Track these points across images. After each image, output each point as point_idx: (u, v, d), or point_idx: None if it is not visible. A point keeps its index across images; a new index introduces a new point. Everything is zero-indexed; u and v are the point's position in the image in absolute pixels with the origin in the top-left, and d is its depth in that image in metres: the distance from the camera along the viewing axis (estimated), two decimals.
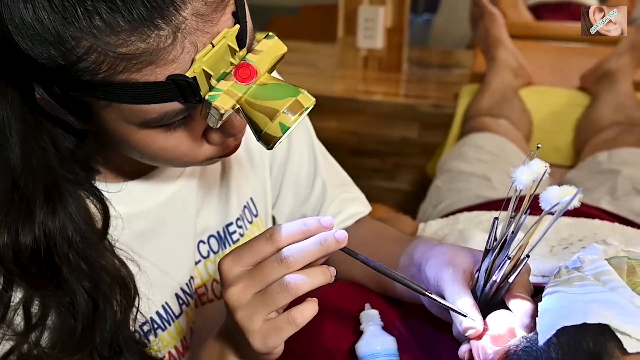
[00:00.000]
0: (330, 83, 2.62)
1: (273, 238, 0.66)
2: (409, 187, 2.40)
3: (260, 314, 0.65)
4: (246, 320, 0.65)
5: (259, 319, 0.65)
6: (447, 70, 2.91)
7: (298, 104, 0.62)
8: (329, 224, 0.66)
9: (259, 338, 0.66)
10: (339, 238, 0.66)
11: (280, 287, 0.64)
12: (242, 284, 0.65)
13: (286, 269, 0.64)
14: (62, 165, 0.73)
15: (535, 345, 0.61)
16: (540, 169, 0.63)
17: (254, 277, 0.65)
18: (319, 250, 0.65)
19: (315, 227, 0.66)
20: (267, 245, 0.66)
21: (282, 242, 0.66)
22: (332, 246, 0.65)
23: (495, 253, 0.68)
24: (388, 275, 0.70)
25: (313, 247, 0.65)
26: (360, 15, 2.59)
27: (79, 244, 0.73)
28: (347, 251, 0.69)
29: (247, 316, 0.65)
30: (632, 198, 1.46)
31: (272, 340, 0.66)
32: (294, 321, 0.65)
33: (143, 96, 0.60)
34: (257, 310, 0.65)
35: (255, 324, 0.65)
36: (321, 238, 0.65)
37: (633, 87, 2.00)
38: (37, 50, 0.57)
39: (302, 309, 0.66)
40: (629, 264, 0.67)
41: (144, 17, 0.55)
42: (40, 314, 0.73)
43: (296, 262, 0.65)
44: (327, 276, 0.66)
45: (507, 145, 1.81)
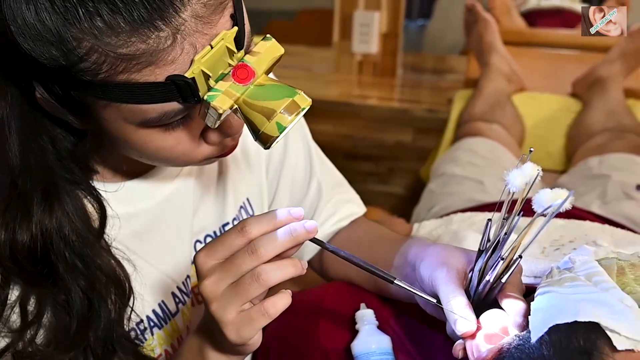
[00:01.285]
0: (325, 87, 2.63)
1: (244, 230, 0.66)
2: (403, 191, 2.41)
3: (234, 305, 0.66)
4: (220, 312, 0.66)
5: (232, 310, 0.66)
6: (441, 76, 2.93)
7: (295, 104, 0.63)
8: (299, 214, 0.67)
9: (233, 329, 0.66)
10: (308, 228, 0.66)
11: (252, 278, 0.65)
12: (215, 276, 0.66)
13: (257, 260, 0.65)
14: (60, 165, 0.73)
15: (528, 343, 0.62)
16: (533, 172, 0.64)
17: (226, 269, 0.66)
18: (289, 240, 0.66)
19: (286, 218, 0.67)
20: (238, 237, 0.66)
21: (253, 234, 0.66)
22: (302, 236, 0.66)
23: (488, 254, 0.69)
24: (358, 264, 0.71)
25: (283, 238, 0.66)
26: (356, 20, 2.60)
27: (76, 243, 0.74)
28: (316, 242, 0.69)
29: (221, 307, 0.66)
30: (621, 203, 1.47)
31: (246, 331, 0.66)
32: (267, 312, 0.66)
33: (143, 96, 0.60)
34: (231, 302, 0.66)
35: (229, 315, 0.66)
36: (291, 228, 0.66)
37: (623, 94, 2.02)
38: (39, 51, 0.58)
39: (275, 300, 0.66)
40: (619, 265, 0.68)
41: (144, 19, 0.56)
42: (36, 311, 0.73)
43: (266, 252, 0.65)
44: (297, 268, 0.67)
45: (500, 150, 1.82)
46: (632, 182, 1.54)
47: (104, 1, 0.55)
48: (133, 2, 0.56)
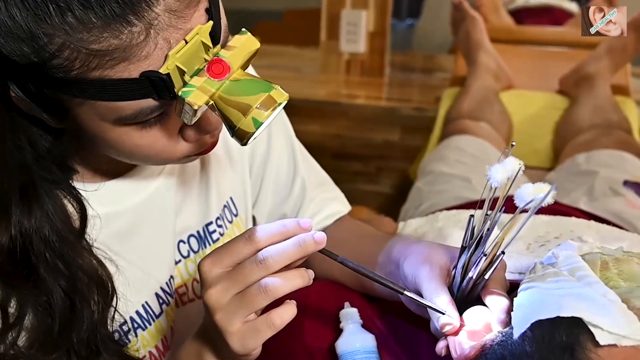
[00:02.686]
0: (313, 87, 2.63)
1: (252, 239, 0.66)
2: (391, 190, 2.41)
3: (239, 315, 0.65)
4: (225, 322, 0.66)
5: (237, 321, 0.65)
6: (429, 75, 2.94)
7: (271, 99, 0.62)
8: (308, 225, 0.67)
9: (237, 339, 0.66)
10: (317, 239, 0.66)
11: (259, 289, 0.64)
12: (221, 286, 0.66)
13: (265, 271, 0.65)
14: (38, 164, 0.72)
15: (510, 339, 0.62)
16: (515, 166, 0.64)
17: (233, 278, 0.65)
18: (297, 251, 0.65)
19: (294, 228, 0.67)
20: (246, 246, 0.66)
21: (261, 244, 0.66)
22: (311, 247, 0.66)
23: (471, 250, 0.69)
24: (367, 275, 0.71)
25: (292, 249, 0.65)
26: (343, 19, 2.60)
27: (56, 244, 0.73)
28: (326, 253, 0.69)
29: (226, 317, 0.66)
30: (609, 199, 1.47)
31: (251, 342, 0.66)
32: (273, 324, 0.65)
33: (117, 93, 0.60)
34: (236, 312, 0.65)
35: (234, 326, 0.65)
36: (300, 239, 0.66)
37: (611, 91, 2.03)
38: (10, 48, 0.57)
39: (281, 311, 0.66)
40: (603, 260, 0.68)
41: (117, 14, 0.56)
42: (17, 313, 0.73)
43: (275, 263, 0.65)
44: (305, 279, 0.67)
45: (487, 148, 1.82)
46: (619, 178, 1.55)
47: None
48: None
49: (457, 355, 0.67)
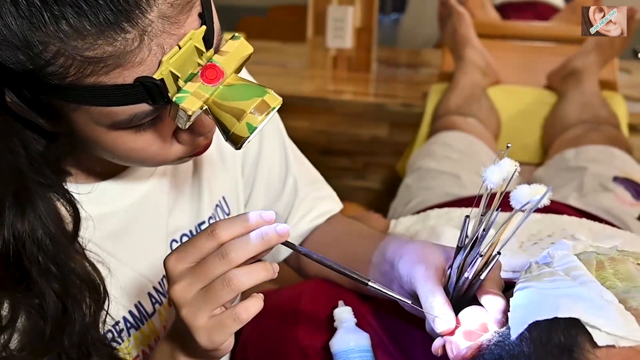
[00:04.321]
0: (299, 83, 2.63)
1: (214, 234, 0.65)
2: (379, 185, 2.42)
3: (205, 310, 0.65)
4: (191, 317, 0.66)
5: (203, 315, 0.65)
6: (416, 70, 2.94)
7: (265, 104, 0.62)
8: (271, 217, 0.67)
9: (204, 334, 0.66)
10: (280, 232, 0.66)
11: (223, 283, 0.64)
12: (186, 281, 0.66)
13: (228, 265, 0.64)
14: (32, 168, 0.72)
15: (508, 340, 0.62)
16: (511, 168, 0.64)
17: (197, 273, 0.65)
18: (260, 244, 0.65)
19: (257, 221, 0.66)
20: (209, 241, 0.66)
21: (224, 238, 0.65)
22: (274, 240, 0.65)
23: (467, 250, 0.69)
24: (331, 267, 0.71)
25: (254, 242, 0.65)
26: (330, 15, 2.60)
27: (49, 247, 0.72)
28: (289, 245, 0.69)
29: (192, 313, 0.65)
30: (598, 195, 1.48)
31: (217, 337, 0.66)
32: (238, 317, 0.65)
33: (111, 98, 0.60)
34: (201, 307, 0.65)
35: (200, 320, 0.65)
36: (262, 232, 0.65)
37: (599, 86, 2.03)
38: (5, 55, 0.57)
39: (247, 305, 0.66)
40: (598, 259, 0.68)
41: (110, 21, 0.56)
42: (9, 316, 0.72)
43: (238, 257, 0.64)
44: (269, 272, 0.66)
45: (475, 144, 1.83)
46: (608, 174, 1.56)
47: (69, 4, 0.55)
48: (98, 4, 0.55)
49: (453, 356, 0.67)
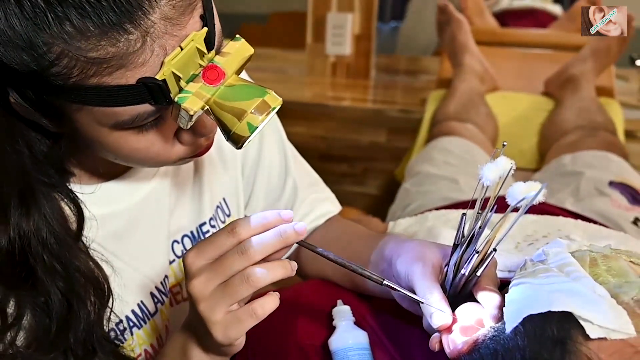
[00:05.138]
0: (299, 89, 2.64)
1: (234, 231, 0.67)
2: (378, 191, 2.42)
3: (222, 305, 0.66)
4: (208, 311, 0.67)
5: (220, 311, 0.66)
6: (414, 77, 2.95)
7: (265, 104, 0.64)
8: (289, 216, 0.68)
9: (220, 329, 0.67)
10: (298, 230, 0.67)
11: (242, 279, 0.65)
12: (204, 276, 0.67)
13: (247, 261, 0.66)
14: (36, 168, 0.73)
15: (503, 334, 0.63)
16: (506, 165, 0.65)
17: (216, 269, 0.67)
18: (278, 241, 0.67)
19: (276, 219, 0.68)
20: (228, 238, 0.67)
21: (243, 235, 0.67)
22: (292, 238, 0.67)
23: (463, 248, 0.70)
24: (347, 267, 0.72)
25: (273, 239, 0.66)
26: (329, 22, 2.62)
27: (53, 246, 0.73)
28: (305, 245, 0.70)
29: (209, 307, 0.67)
30: (594, 199, 1.49)
31: (233, 332, 0.67)
32: (255, 313, 0.66)
33: (114, 99, 0.61)
34: (219, 302, 0.66)
35: (217, 315, 0.66)
36: (281, 230, 0.67)
37: (595, 92, 2.05)
38: (10, 56, 0.58)
39: (263, 302, 0.67)
40: (591, 257, 0.69)
41: (113, 22, 0.57)
42: (15, 314, 0.73)
43: (256, 253, 0.66)
44: (287, 270, 0.68)
45: (474, 149, 1.83)
46: (604, 178, 1.56)
47: (73, 6, 0.56)
48: (102, 6, 0.56)
49: (450, 351, 0.68)
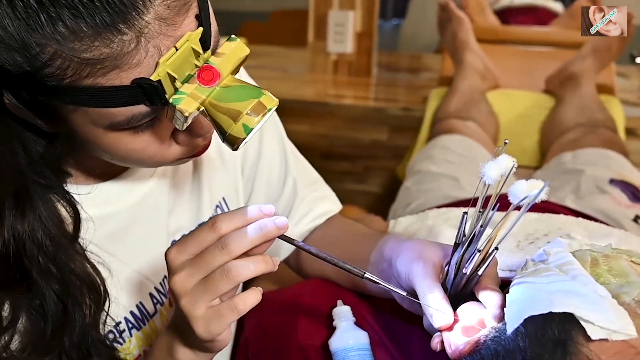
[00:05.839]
0: (301, 87, 2.63)
1: (215, 226, 0.66)
2: (379, 189, 2.42)
3: (203, 300, 0.66)
4: (189, 307, 0.66)
5: (201, 306, 0.66)
6: (416, 74, 2.95)
7: (261, 105, 0.63)
8: (270, 211, 0.68)
9: (202, 324, 0.66)
10: (279, 224, 0.67)
11: (222, 274, 0.65)
12: (185, 272, 0.66)
13: (227, 256, 0.65)
14: (32, 169, 0.72)
15: (504, 335, 0.63)
16: (508, 164, 0.65)
17: (197, 264, 0.66)
18: (259, 236, 0.66)
19: (257, 214, 0.67)
20: (209, 233, 0.67)
21: (224, 230, 0.66)
22: (272, 232, 0.66)
23: (465, 247, 0.69)
24: (327, 260, 0.72)
25: (253, 233, 0.66)
26: (331, 20, 2.61)
27: (49, 248, 0.73)
28: (285, 238, 0.70)
29: (190, 303, 0.66)
30: (595, 197, 1.49)
31: (215, 327, 0.66)
32: (236, 308, 0.66)
33: (109, 100, 0.60)
34: (200, 297, 0.66)
35: (198, 310, 0.66)
36: (261, 224, 0.66)
37: (596, 90, 2.04)
38: (3, 57, 0.58)
39: (245, 296, 0.66)
40: (592, 257, 0.69)
41: (107, 23, 0.56)
42: (10, 317, 0.73)
43: (237, 247, 0.65)
44: (269, 264, 0.67)
45: (474, 147, 1.83)
46: (605, 176, 1.56)
47: (66, 6, 0.55)
48: (95, 6, 0.55)
49: (451, 351, 0.68)
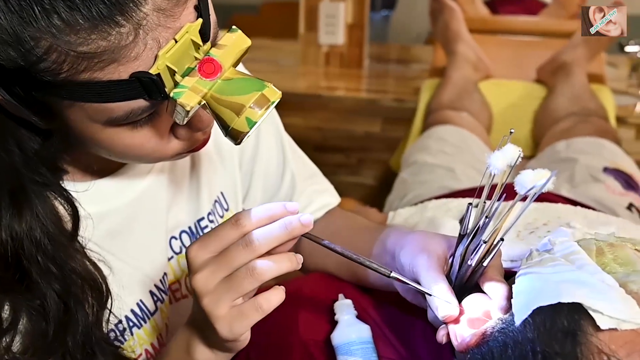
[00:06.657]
0: (292, 80, 2.62)
1: (239, 223, 0.65)
2: (374, 181, 2.42)
3: (226, 299, 0.65)
4: (212, 306, 0.65)
5: (224, 305, 0.65)
6: (407, 66, 2.95)
7: (264, 98, 0.61)
8: (294, 208, 0.67)
9: (225, 324, 0.65)
10: (304, 222, 0.66)
11: (246, 272, 0.64)
12: (208, 270, 0.65)
13: (251, 254, 0.64)
14: (27, 167, 0.71)
15: (512, 326, 0.62)
16: (514, 153, 0.64)
17: (220, 262, 0.65)
18: (284, 234, 0.65)
19: (281, 211, 0.66)
20: (233, 230, 0.65)
21: (248, 227, 0.65)
22: (297, 230, 0.65)
23: (470, 238, 0.69)
24: (354, 259, 0.70)
25: (278, 231, 0.65)
26: (321, 11, 2.60)
27: (47, 247, 0.71)
28: (311, 237, 0.69)
29: (213, 302, 0.65)
30: (589, 185, 1.49)
31: (238, 327, 0.65)
32: (260, 307, 0.65)
33: (107, 95, 0.58)
34: (223, 296, 0.65)
35: (221, 310, 0.65)
36: (286, 222, 0.65)
37: (587, 79, 2.05)
38: None
39: (269, 295, 0.65)
40: (597, 245, 0.68)
41: (104, 15, 0.54)
42: (11, 318, 0.71)
43: (261, 245, 0.64)
44: (293, 262, 0.66)
45: (469, 138, 1.84)
46: (598, 165, 1.57)
47: None
48: None
49: (458, 343, 0.67)
